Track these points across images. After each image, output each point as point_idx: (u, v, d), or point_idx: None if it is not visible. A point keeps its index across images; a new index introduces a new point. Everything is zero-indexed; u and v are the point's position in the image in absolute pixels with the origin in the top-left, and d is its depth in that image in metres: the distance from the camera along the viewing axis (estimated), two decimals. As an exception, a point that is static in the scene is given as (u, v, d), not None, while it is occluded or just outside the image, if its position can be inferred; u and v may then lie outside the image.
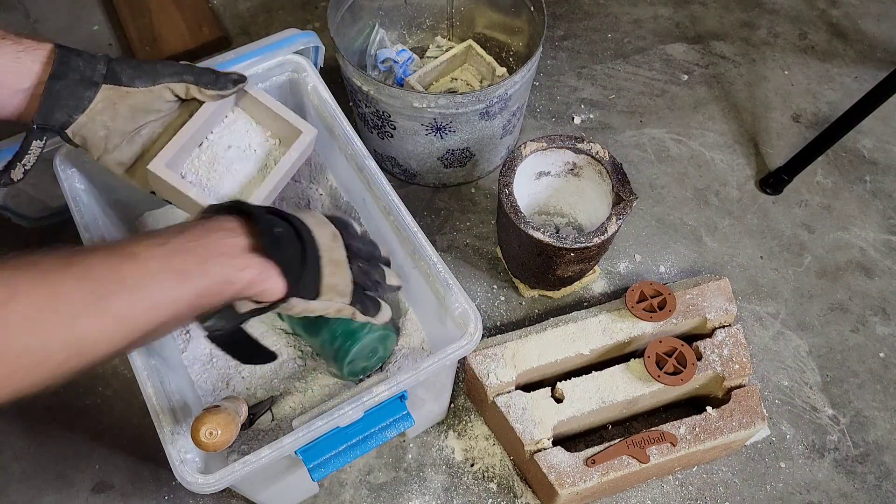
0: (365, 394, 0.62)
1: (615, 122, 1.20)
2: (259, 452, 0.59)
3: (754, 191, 1.13)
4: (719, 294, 0.88)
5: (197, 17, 1.27)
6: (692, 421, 0.80)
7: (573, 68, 1.27)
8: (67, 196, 0.74)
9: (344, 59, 0.94)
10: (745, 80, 1.27)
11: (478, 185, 1.12)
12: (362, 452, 0.66)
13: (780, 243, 1.08)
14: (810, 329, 1.00)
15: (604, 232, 0.82)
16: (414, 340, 0.85)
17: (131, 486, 0.86)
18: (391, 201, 0.72)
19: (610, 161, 0.87)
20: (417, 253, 0.70)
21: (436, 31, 1.21)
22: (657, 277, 1.04)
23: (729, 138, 1.19)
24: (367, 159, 0.75)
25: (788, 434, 0.91)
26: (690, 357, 0.81)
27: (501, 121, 1.00)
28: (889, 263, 1.06)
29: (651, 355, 0.81)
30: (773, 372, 0.96)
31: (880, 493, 0.87)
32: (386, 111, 0.96)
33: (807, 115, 1.22)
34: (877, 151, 1.18)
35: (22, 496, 0.86)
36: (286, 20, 1.33)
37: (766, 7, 1.38)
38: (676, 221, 1.09)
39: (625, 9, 1.36)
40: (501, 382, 0.81)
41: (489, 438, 0.89)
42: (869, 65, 1.29)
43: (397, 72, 1.14)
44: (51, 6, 1.33)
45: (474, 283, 1.02)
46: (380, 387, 0.63)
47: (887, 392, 0.95)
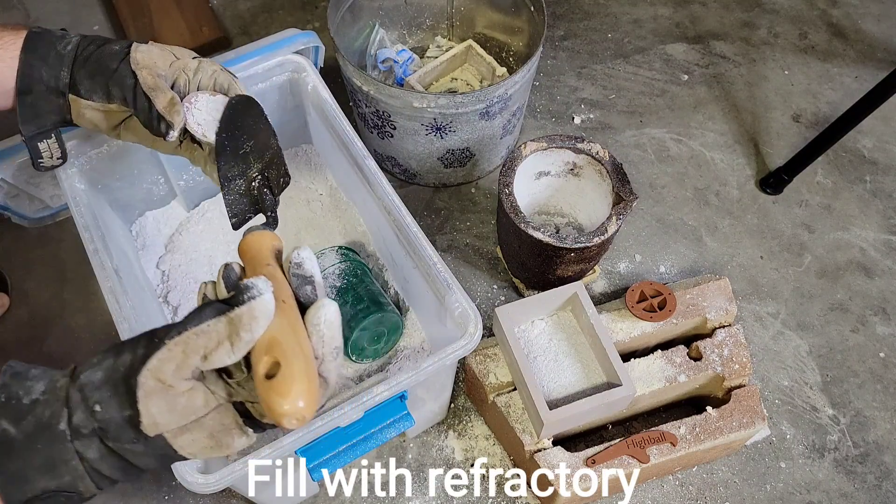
0: (365, 394, 0.62)
1: (615, 122, 1.20)
2: (259, 452, 0.59)
3: (754, 191, 1.13)
4: (719, 294, 0.88)
5: (197, 17, 1.27)
6: (692, 421, 0.80)
7: (573, 68, 1.27)
8: (67, 196, 0.73)
9: (344, 59, 0.94)
10: (745, 80, 1.27)
11: (478, 185, 1.12)
12: (362, 452, 0.66)
13: (780, 243, 1.08)
14: (810, 329, 1.00)
15: (604, 232, 0.82)
16: (414, 340, 0.85)
17: (131, 486, 0.86)
18: (391, 201, 0.72)
19: (610, 161, 0.87)
20: (417, 253, 0.70)
21: (436, 31, 1.21)
22: (657, 277, 1.04)
23: (729, 138, 1.19)
24: (367, 159, 0.75)
25: (788, 434, 0.91)
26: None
27: (501, 121, 1.00)
28: (889, 263, 1.06)
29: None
30: (774, 372, 0.96)
31: (880, 493, 0.87)
32: (386, 111, 0.96)
33: (807, 115, 1.22)
34: (877, 151, 1.18)
35: (22, 496, 0.86)
36: (286, 20, 1.33)
37: (766, 7, 1.38)
38: (676, 221, 1.09)
39: (625, 9, 1.36)
40: (501, 382, 0.81)
41: (489, 438, 0.89)
42: (869, 65, 1.29)
43: (397, 72, 1.14)
44: (51, 6, 1.33)
45: (474, 283, 1.02)
46: (380, 387, 0.62)
47: (887, 392, 0.95)
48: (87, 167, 0.77)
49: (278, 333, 0.38)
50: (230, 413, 0.40)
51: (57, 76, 0.60)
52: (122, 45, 0.61)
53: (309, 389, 0.37)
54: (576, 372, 0.79)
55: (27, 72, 0.59)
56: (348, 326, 0.78)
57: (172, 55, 0.63)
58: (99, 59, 0.60)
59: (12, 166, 0.83)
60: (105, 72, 0.60)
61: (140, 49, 0.61)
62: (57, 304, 0.99)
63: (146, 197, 0.90)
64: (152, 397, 0.37)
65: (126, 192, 0.86)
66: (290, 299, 0.42)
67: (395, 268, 0.86)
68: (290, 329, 0.39)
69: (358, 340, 0.79)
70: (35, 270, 1.02)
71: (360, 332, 0.78)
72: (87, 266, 0.69)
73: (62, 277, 1.01)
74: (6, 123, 0.62)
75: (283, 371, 0.37)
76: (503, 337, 0.78)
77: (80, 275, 1.00)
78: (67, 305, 0.99)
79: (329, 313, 0.41)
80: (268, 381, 0.37)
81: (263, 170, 0.61)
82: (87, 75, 0.60)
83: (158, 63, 0.61)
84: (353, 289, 0.81)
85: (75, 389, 0.38)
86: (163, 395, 0.37)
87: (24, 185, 0.90)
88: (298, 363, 0.37)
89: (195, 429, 0.39)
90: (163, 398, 0.38)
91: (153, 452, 0.39)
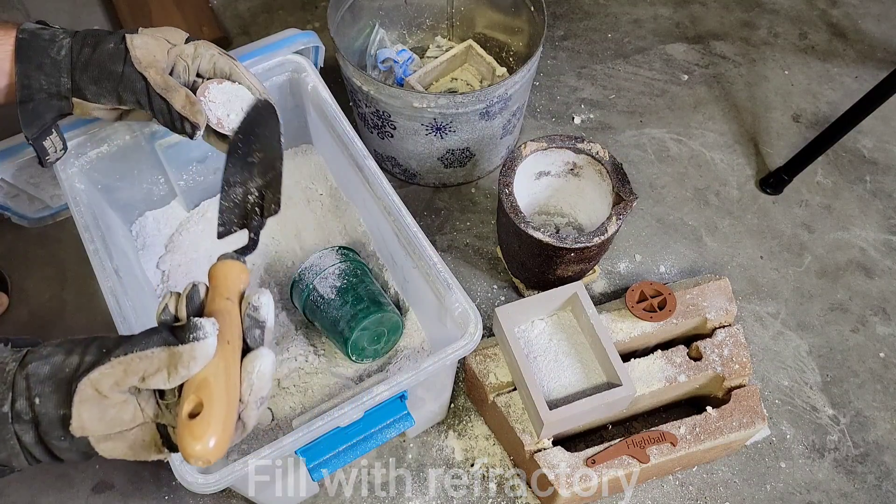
0: (365, 394, 0.62)
1: (615, 122, 1.20)
2: (259, 452, 0.59)
3: (754, 191, 1.13)
4: (719, 294, 0.88)
5: (197, 17, 1.27)
6: (692, 421, 0.80)
7: (573, 68, 1.27)
8: (67, 196, 0.73)
9: (344, 59, 0.94)
10: (745, 80, 1.27)
11: (478, 185, 1.12)
12: (362, 452, 0.66)
13: (780, 243, 1.08)
14: (810, 329, 1.00)
15: (604, 232, 0.82)
16: (414, 340, 0.85)
17: (131, 486, 0.86)
18: (391, 201, 0.72)
19: (610, 161, 0.87)
20: (417, 253, 0.70)
21: (436, 31, 1.21)
22: (657, 277, 1.04)
23: (729, 138, 1.19)
24: (367, 159, 0.75)
25: (788, 434, 0.91)
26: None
27: (501, 121, 1.00)
28: (889, 263, 1.06)
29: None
30: (774, 372, 0.96)
31: (880, 493, 0.87)
32: (386, 111, 0.96)
33: (807, 115, 1.22)
34: (877, 151, 1.18)
35: (22, 496, 0.86)
36: (286, 20, 1.33)
37: (766, 7, 1.38)
38: (676, 221, 1.09)
39: (625, 9, 1.36)
40: (501, 382, 0.81)
41: (489, 438, 0.89)
42: (869, 65, 1.29)
43: (397, 72, 1.13)
44: (51, 6, 1.33)
45: (474, 283, 1.02)
46: (380, 387, 0.62)
47: (887, 392, 0.95)
48: (87, 167, 0.77)
49: (211, 375, 0.41)
50: (152, 432, 0.42)
51: (57, 83, 0.59)
52: (115, 40, 0.60)
53: (222, 436, 0.40)
54: (576, 372, 0.79)
55: (25, 83, 0.59)
56: (348, 326, 0.78)
57: (166, 41, 0.62)
58: (100, 63, 0.60)
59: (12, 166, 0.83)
60: (111, 76, 0.60)
61: (137, 45, 0.60)
62: (57, 304, 0.99)
63: (146, 197, 0.90)
64: (86, 404, 0.40)
65: (126, 192, 0.86)
66: (237, 339, 0.44)
67: (395, 268, 0.86)
68: (224, 372, 0.42)
69: (358, 340, 0.79)
70: (35, 270, 1.02)
71: (360, 332, 0.78)
72: (87, 266, 0.69)
73: (62, 277, 1.01)
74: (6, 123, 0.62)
75: (203, 414, 0.40)
76: (503, 337, 0.78)
77: (80, 275, 1.01)
78: (67, 305, 0.99)
79: (264, 365, 0.44)
80: (189, 419, 0.40)
81: (262, 188, 0.61)
82: (92, 81, 0.60)
83: (157, 55, 0.61)
84: (353, 289, 0.81)
85: (21, 377, 0.41)
86: (96, 404, 0.40)
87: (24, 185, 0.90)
88: (219, 410, 0.40)
89: (118, 439, 0.42)
90: (95, 406, 0.40)
91: (76, 449, 0.42)
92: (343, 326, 0.79)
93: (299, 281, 0.83)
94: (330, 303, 0.80)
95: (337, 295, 0.80)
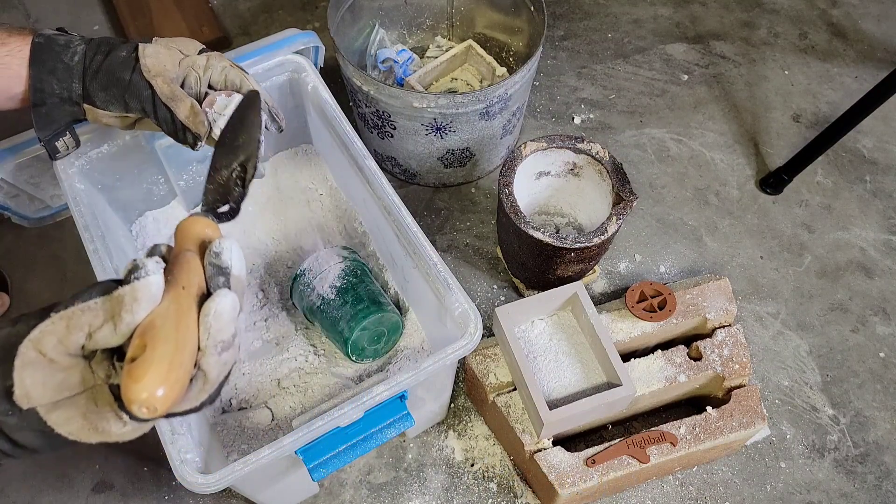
0: (365, 394, 0.62)
1: (615, 122, 1.20)
2: (259, 452, 0.59)
3: (754, 191, 1.13)
4: (719, 294, 0.88)
5: (197, 17, 1.27)
6: (692, 421, 0.80)
7: (573, 68, 1.27)
8: (67, 196, 0.74)
9: (344, 59, 0.94)
10: (745, 80, 1.27)
11: (478, 185, 1.12)
12: (362, 452, 0.66)
13: (780, 243, 1.08)
14: (810, 329, 1.00)
15: (604, 232, 0.82)
16: (414, 340, 0.85)
17: (131, 486, 0.86)
18: (391, 201, 0.72)
19: (610, 161, 0.87)
20: (417, 253, 0.70)
21: (436, 31, 1.21)
22: (657, 277, 1.04)
23: (729, 138, 1.19)
24: (367, 159, 0.75)
25: (788, 434, 0.91)
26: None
27: (501, 121, 1.00)
28: (889, 263, 1.06)
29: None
30: (773, 372, 0.96)
31: (880, 493, 0.87)
32: (386, 111, 0.96)
33: (807, 115, 1.22)
34: (877, 151, 1.18)
35: (22, 496, 0.86)
36: (286, 20, 1.33)
37: (766, 7, 1.38)
38: (676, 221, 1.09)
39: (625, 9, 1.36)
40: (501, 382, 0.81)
41: (489, 438, 0.89)
42: (869, 65, 1.29)
43: (397, 72, 1.14)
44: (51, 6, 1.33)
45: (474, 283, 1.02)
46: (380, 387, 0.62)
47: (887, 392, 0.95)
48: (87, 167, 0.77)
49: (158, 318, 0.37)
50: (105, 395, 0.38)
51: (69, 88, 0.60)
52: (128, 49, 0.61)
53: (168, 378, 0.35)
54: (576, 372, 0.79)
55: (38, 86, 0.59)
56: (348, 326, 0.78)
57: (179, 52, 0.63)
58: (109, 69, 0.60)
59: (12, 166, 0.83)
60: (119, 84, 0.60)
61: (147, 53, 0.61)
62: (57, 304, 0.99)
63: (146, 197, 0.90)
64: (28, 368, 0.36)
65: (126, 192, 0.86)
66: (194, 287, 0.40)
67: (395, 268, 0.86)
68: (175, 316, 0.38)
69: (358, 340, 0.79)
70: (35, 270, 1.02)
71: (360, 332, 0.78)
72: (87, 266, 0.69)
73: (62, 277, 1.01)
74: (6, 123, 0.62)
75: (144, 355, 0.35)
76: (503, 337, 0.78)
77: (80, 275, 1.01)
78: (67, 305, 0.99)
79: (220, 304, 0.40)
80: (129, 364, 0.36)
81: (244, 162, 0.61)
82: (101, 87, 0.60)
83: (168, 65, 0.61)
84: (353, 289, 0.81)
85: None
86: (39, 368, 0.37)
87: (24, 185, 0.90)
88: (164, 351, 0.36)
89: (67, 406, 0.37)
90: (39, 370, 0.37)
91: (29, 427, 0.38)
92: (343, 326, 0.79)
93: (299, 281, 0.83)
94: (330, 303, 0.80)
95: (337, 295, 0.80)
